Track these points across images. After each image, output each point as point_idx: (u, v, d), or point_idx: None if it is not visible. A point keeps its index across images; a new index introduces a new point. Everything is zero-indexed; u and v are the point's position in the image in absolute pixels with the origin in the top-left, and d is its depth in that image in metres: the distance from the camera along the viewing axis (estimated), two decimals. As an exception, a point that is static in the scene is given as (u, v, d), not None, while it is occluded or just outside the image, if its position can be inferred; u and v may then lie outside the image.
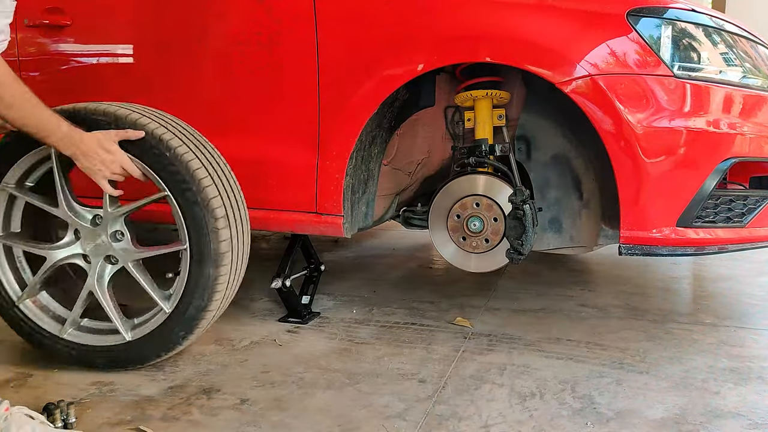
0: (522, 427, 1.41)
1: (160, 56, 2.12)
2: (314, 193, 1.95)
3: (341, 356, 1.84)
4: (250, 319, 2.20)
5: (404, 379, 1.68)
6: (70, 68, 2.23)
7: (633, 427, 1.41)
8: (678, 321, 2.14)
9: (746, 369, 1.73)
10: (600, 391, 1.59)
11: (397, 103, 2.01)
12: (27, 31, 2.26)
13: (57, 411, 1.42)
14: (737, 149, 1.72)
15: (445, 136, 2.28)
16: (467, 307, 2.32)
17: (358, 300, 2.43)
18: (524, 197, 1.88)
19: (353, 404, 1.53)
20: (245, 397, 1.58)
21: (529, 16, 1.72)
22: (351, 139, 1.88)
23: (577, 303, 2.37)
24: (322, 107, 1.90)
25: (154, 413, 1.50)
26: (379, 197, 2.18)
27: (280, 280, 2.10)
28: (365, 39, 1.85)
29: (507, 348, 1.90)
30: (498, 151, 2.03)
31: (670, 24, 1.70)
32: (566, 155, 2.05)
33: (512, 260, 1.93)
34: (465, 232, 2.00)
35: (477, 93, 1.98)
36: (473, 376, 1.69)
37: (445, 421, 1.44)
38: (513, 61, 1.72)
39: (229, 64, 2.02)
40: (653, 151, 1.66)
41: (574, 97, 1.68)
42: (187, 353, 1.88)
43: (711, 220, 1.76)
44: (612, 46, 1.68)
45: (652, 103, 1.66)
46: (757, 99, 1.78)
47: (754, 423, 1.42)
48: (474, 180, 1.99)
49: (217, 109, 2.05)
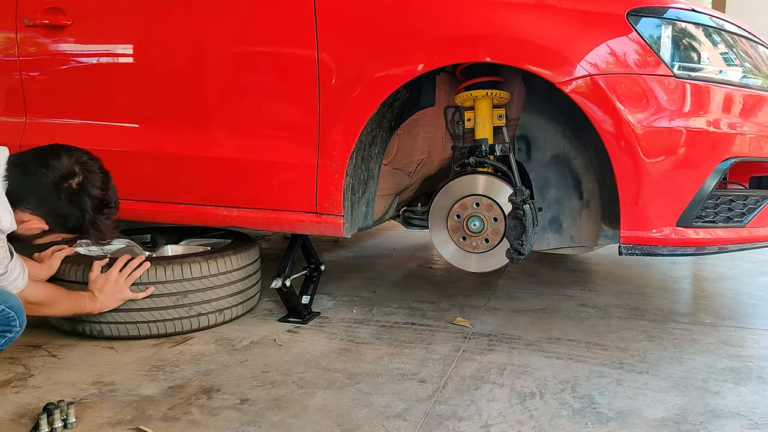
0: (522, 427, 1.41)
1: (160, 56, 2.11)
2: (314, 193, 1.95)
3: (341, 356, 1.84)
4: (250, 319, 2.20)
5: (404, 379, 1.68)
6: (70, 68, 2.23)
7: (633, 427, 1.41)
8: (678, 321, 2.14)
9: (746, 369, 1.73)
10: (600, 391, 1.59)
11: (397, 103, 2.01)
12: (27, 31, 2.26)
13: (57, 411, 1.42)
14: (737, 149, 1.72)
15: (445, 136, 2.28)
16: (467, 307, 2.32)
17: (358, 300, 2.43)
18: (524, 197, 1.88)
19: (353, 404, 1.53)
20: (245, 397, 1.58)
21: (529, 16, 1.72)
22: (351, 138, 1.88)
23: (577, 303, 2.37)
24: (323, 107, 1.90)
25: (154, 413, 1.50)
26: (379, 197, 2.18)
27: (281, 280, 2.10)
28: (365, 39, 1.85)
29: (507, 348, 1.90)
30: (498, 151, 2.03)
31: (670, 24, 1.70)
32: (566, 155, 2.05)
33: (512, 260, 1.93)
34: (465, 232, 2.00)
35: (477, 93, 1.98)
36: (473, 376, 1.69)
37: (445, 421, 1.44)
38: (513, 61, 1.72)
39: (229, 65, 2.02)
40: (653, 150, 1.66)
41: (574, 96, 1.68)
42: (187, 353, 1.88)
43: (711, 220, 1.76)
44: (612, 46, 1.68)
45: (652, 102, 1.66)
46: (757, 99, 1.78)
47: (754, 423, 1.42)
48: (474, 180, 1.99)
49: (218, 110, 2.05)
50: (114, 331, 1.98)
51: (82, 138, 2.20)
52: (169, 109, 2.12)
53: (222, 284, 2.07)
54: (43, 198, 1.51)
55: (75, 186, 1.52)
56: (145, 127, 2.15)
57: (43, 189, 1.50)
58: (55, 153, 1.53)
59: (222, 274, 2.07)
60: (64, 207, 1.53)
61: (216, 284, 2.06)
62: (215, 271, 2.05)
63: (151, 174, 2.14)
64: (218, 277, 2.06)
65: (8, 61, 2.31)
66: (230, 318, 2.14)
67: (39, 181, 1.50)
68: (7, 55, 2.31)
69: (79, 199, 1.53)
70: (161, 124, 2.13)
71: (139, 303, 1.95)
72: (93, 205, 1.56)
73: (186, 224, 2.24)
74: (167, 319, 1.99)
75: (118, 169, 2.17)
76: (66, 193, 1.51)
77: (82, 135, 2.21)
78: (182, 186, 2.10)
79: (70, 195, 1.52)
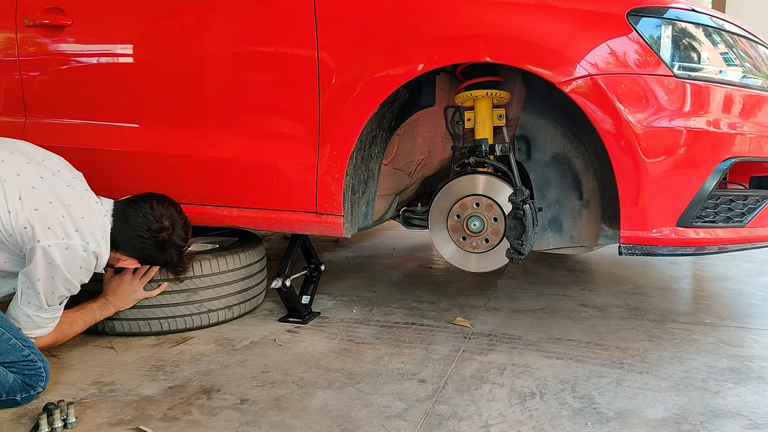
0: (522, 427, 1.41)
1: (160, 56, 2.11)
2: (314, 193, 1.95)
3: (341, 356, 1.84)
4: (250, 319, 2.20)
5: (404, 379, 1.68)
6: (70, 68, 2.23)
7: (633, 427, 1.41)
8: (678, 321, 2.14)
9: (746, 369, 1.73)
10: (600, 391, 1.59)
11: (397, 103, 2.01)
12: (27, 31, 2.26)
13: (57, 411, 1.42)
14: (737, 149, 1.72)
15: (445, 136, 2.28)
16: (467, 307, 2.32)
17: (358, 300, 2.43)
18: (524, 197, 1.88)
19: (353, 404, 1.53)
20: (245, 397, 1.58)
21: (529, 16, 1.72)
22: (351, 138, 1.88)
23: (577, 303, 2.37)
24: (323, 107, 1.90)
25: (154, 413, 1.50)
26: (379, 197, 2.18)
27: (281, 280, 2.10)
28: (365, 39, 1.85)
29: (507, 348, 1.90)
30: (498, 150, 2.03)
31: (670, 24, 1.70)
32: (566, 155, 2.05)
33: (512, 260, 1.93)
34: (465, 232, 2.00)
35: (477, 93, 1.98)
36: (473, 376, 1.69)
37: (445, 421, 1.44)
38: (513, 61, 1.72)
39: (229, 65, 2.02)
40: (653, 150, 1.66)
41: (574, 96, 1.68)
42: (187, 353, 1.88)
43: (711, 220, 1.76)
44: (612, 46, 1.68)
45: (652, 102, 1.66)
46: (757, 99, 1.78)
47: (754, 423, 1.42)
48: (474, 180, 1.99)
49: (218, 109, 2.05)
50: (126, 327, 2.02)
51: (82, 138, 2.21)
52: (168, 109, 2.12)
53: (231, 281, 2.12)
54: (139, 245, 1.78)
55: (165, 237, 1.79)
56: (145, 127, 2.15)
57: (140, 239, 1.76)
58: (149, 205, 1.78)
59: (231, 271, 2.11)
60: (154, 252, 1.80)
61: (225, 281, 2.10)
62: (225, 268, 2.09)
63: (151, 174, 2.14)
64: (227, 274, 2.10)
65: (8, 61, 2.31)
66: (239, 314, 2.19)
67: (137, 233, 1.76)
68: (7, 55, 2.31)
69: (166, 247, 1.80)
70: (161, 124, 2.13)
71: (150, 300, 2.00)
72: (177, 252, 1.83)
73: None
74: (177, 315, 2.04)
75: (118, 169, 2.19)
76: (156, 242, 1.78)
77: (82, 135, 2.22)
78: (182, 186, 2.10)
79: (160, 243, 1.79)
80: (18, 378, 1.54)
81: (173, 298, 2.02)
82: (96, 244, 1.65)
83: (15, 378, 1.53)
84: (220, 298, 2.09)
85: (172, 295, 2.01)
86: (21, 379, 1.54)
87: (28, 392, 1.55)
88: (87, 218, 1.65)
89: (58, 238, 1.57)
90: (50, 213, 1.58)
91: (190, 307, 2.04)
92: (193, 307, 2.05)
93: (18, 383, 1.53)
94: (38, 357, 1.58)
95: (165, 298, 2.01)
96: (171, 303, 2.02)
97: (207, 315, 2.08)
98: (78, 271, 1.63)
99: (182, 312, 2.04)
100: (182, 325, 2.05)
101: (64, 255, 1.59)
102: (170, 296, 2.01)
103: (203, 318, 2.07)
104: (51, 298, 1.62)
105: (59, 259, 1.58)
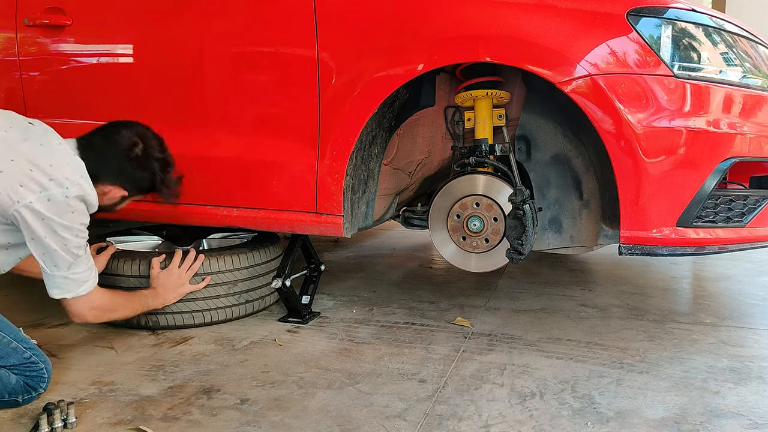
0: (522, 427, 1.41)
1: (160, 56, 2.11)
2: (314, 193, 1.95)
3: (341, 356, 1.84)
4: (250, 319, 2.20)
5: (404, 379, 1.68)
6: (70, 68, 2.23)
7: (633, 427, 1.41)
8: (678, 321, 2.14)
9: (746, 369, 1.73)
10: (600, 390, 1.59)
11: (397, 103, 2.01)
12: (27, 31, 2.26)
13: (57, 411, 1.42)
14: (737, 149, 1.72)
15: (445, 136, 2.28)
16: (467, 307, 2.32)
17: (358, 300, 2.43)
18: (524, 197, 1.88)
19: (353, 404, 1.53)
20: (245, 397, 1.58)
21: (529, 16, 1.72)
22: (351, 138, 1.88)
23: (577, 303, 2.37)
24: (323, 107, 1.90)
25: (154, 413, 1.50)
26: (379, 197, 2.18)
27: (281, 280, 2.10)
28: (365, 39, 1.85)
29: (507, 348, 1.90)
30: (498, 150, 2.03)
31: (670, 24, 1.70)
32: (566, 155, 2.05)
33: (512, 260, 1.93)
34: (465, 232, 2.00)
35: (477, 93, 1.98)
36: (473, 376, 1.69)
37: (445, 421, 1.44)
38: (513, 61, 1.72)
39: (229, 65, 2.02)
40: (653, 150, 1.66)
41: (574, 96, 1.68)
42: (187, 353, 1.88)
43: (711, 220, 1.76)
44: (612, 46, 1.68)
45: (652, 102, 1.66)
46: (757, 99, 1.78)
47: (754, 423, 1.42)
48: (474, 180, 1.99)
49: (218, 109, 2.05)
50: (170, 321, 2.08)
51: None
52: (169, 109, 2.12)
53: (263, 273, 2.22)
54: (117, 169, 1.72)
55: (139, 152, 1.73)
56: (145, 127, 2.15)
57: (115, 161, 1.71)
58: (115, 129, 1.74)
59: (263, 263, 2.21)
60: (137, 172, 1.75)
61: (259, 273, 2.20)
62: (258, 260, 2.19)
63: (151, 174, 2.14)
64: (260, 266, 2.20)
65: (8, 61, 2.31)
66: (269, 304, 2.32)
67: (110, 156, 1.71)
68: (7, 55, 2.31)
69: (146, 163, 1.75)
70: (161, 124, 2.12)
71: (195, 293, 2.06)
72: (159, 166, 1.78)
73: (186, 224, 2.23)
74: (219, 307, 2.13)
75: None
76: (132, 160, 1.73)
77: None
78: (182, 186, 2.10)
79: (137, 160, 1.73)
80: (20, 380, 1.54)
81: (215, 290, 2.10)
82: (76, 186, 1.59)
83: (17, 380, 1.53)
84: (256, 289, 2.20)
85: (215, 287, 2.09)
86: (23, 380, 1.54)
87: (30, 393, 1.56)
88: (56, 164, 1.59)
89: (35, 193, 1.53)
90: (16, 170, 1.54)
91: (231, 299, 2.13)
92: (233, 299, 2.14)
93: (20, 385, 1.53)
94: (40, 358, 1.58)
95: (208, 291, 2.09)
96: (214, 296, 2.10)
97: (244, 306, 2.17)
98: (71, 216, 1.59)
99: (224, 304, 2.12)
100: (223, 317, 2.14)
101: (48, 207, 1.55)
102: (213, 289, 2.09)
103: (242, 309, 2.17)
104: (67, 251, 1.60)
105: (48, 212, 1.55)
